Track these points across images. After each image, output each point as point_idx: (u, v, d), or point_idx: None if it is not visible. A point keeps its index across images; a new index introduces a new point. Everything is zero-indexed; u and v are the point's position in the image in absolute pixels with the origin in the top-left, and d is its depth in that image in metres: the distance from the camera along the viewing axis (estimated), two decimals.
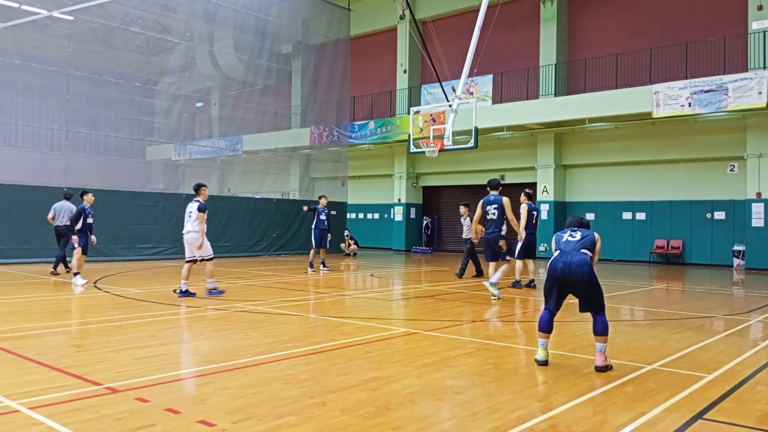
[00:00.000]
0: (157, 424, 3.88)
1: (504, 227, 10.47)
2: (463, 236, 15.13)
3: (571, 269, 5.49)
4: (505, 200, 10.32)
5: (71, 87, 19.47)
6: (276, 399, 4.49)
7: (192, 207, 10.13)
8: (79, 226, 11.94)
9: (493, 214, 10.36)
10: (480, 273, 14.33)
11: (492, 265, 10.49)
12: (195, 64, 24.86)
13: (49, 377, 4.96)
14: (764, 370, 5.65)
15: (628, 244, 21.47)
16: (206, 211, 10.05)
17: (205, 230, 10.11)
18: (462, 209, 15.04)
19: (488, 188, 10.65)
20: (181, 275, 10.15)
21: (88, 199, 12.26)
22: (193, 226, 10.04)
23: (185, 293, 10.03)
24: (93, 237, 12.34)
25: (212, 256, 10.28)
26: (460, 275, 14.31)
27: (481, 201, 10.53)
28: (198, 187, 10.50)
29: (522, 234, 11.88)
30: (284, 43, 26.87)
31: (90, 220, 12.15)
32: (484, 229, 10.55)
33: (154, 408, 4.20)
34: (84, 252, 11.93)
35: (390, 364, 5.66)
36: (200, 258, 10.19)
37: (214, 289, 10.36)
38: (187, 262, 10.17)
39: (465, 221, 14.96)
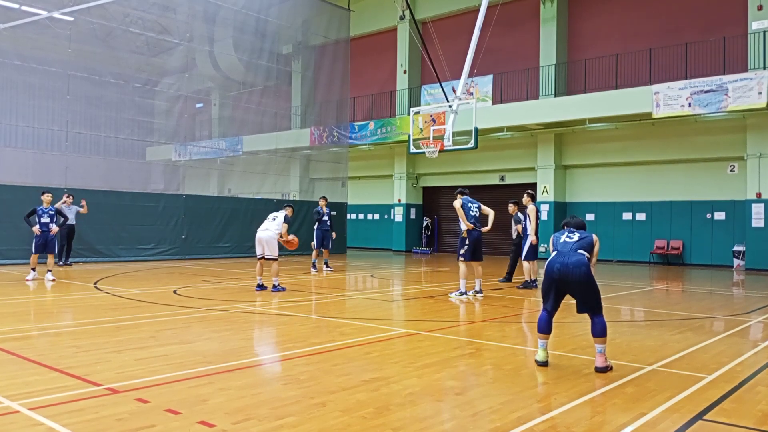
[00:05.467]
0: (157, 424, 3.88)
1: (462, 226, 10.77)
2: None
3: (568, 270, 5.49)
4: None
5: (71, 88, 19.47)
6: (276, 400, 4.49)
7: (279, 215, 11.41)
8: (37, 226, 12.47)
9: (475, 211, 10.70)
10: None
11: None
12: (195, 65, 24.85)
13: (50, 378, 4.97)
14: (764, 371, 5.65)
15: (628, 245, 21.47)
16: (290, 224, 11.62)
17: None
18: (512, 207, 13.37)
19: (461, 193, 10.93)
20: (257, 271, 11.36)
21: (46, 199, 12.78)
22: (273, 227, 11.23)
23: (262, 287, 11.25)
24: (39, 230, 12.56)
25: (277, 257, 11.31)
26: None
27: (463, 200, 10.73)
28: (287, 206, 11.92)
29: (533, 237, 11.99)
30: (284, 44, 26.85)
31: (45, 220, 12.58)
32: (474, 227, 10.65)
33: (154, 409, 4.21)
34: (35, 251, 12.53)
35: (390, 364, 5.66)
36: (269, 257, 11.18)
37: (278, 285, 11.25)
38: (259, 259, 11.33)
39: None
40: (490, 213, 10.83)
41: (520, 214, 12.92)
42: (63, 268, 15.58)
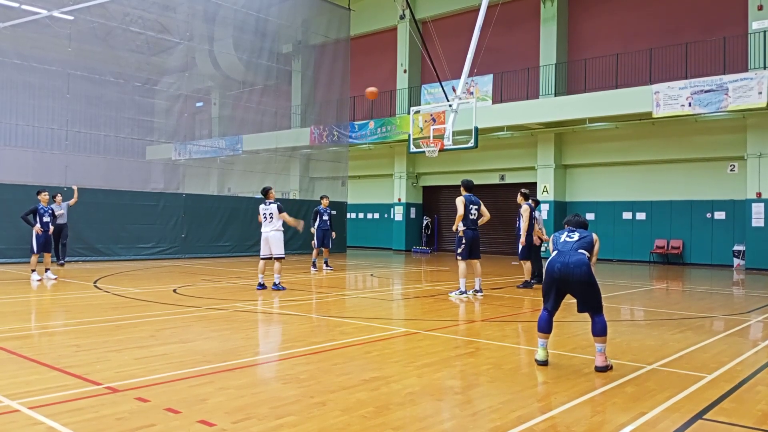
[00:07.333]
0: (157, 424, 3.88)
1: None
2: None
3: (569, 269, 5.48)
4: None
5: (71, 87, 19.46)
6: (276, 399, 4.49)
7: (271, 209, 11.28)
8: (38, 225, 12.39)
9: (474, 214, 10.67)
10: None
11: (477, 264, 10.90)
12: (195, 64, 24.84)
13: (49, 377, 4.97)
14: (764, 370, 5.65)
15: (628, 244, 21.47)
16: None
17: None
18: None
19: (466, 189, 10.86)
20: (259, 270, 11.43)
21: (43, 198, 12.71)
22: (276, 226, 11.26)
23: (263, 286, 11.29)
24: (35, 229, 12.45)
25: (284, 256, 11.41)
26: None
27: (466, 199, 10.66)
28: (267, 191, 11.53)
29: (523, 238, 11.99)
30: (284, 43, 26.86)
31: (47, 219, 12.54)
32: (468, 227, 10.64)
33: (154, 408, 4.20)
34: (36, 251, 12.41)
35: (390, 364, 5.66)
36: (277, 255, 11.24)
37: (279, 284, 11.27)
38: (263, 259, 11.43)
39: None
40: (485, 216, 10.89)
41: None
42: (60, 267, 15.59)
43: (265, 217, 11.41)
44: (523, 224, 12.03)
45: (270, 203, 11.39)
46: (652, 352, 6.30)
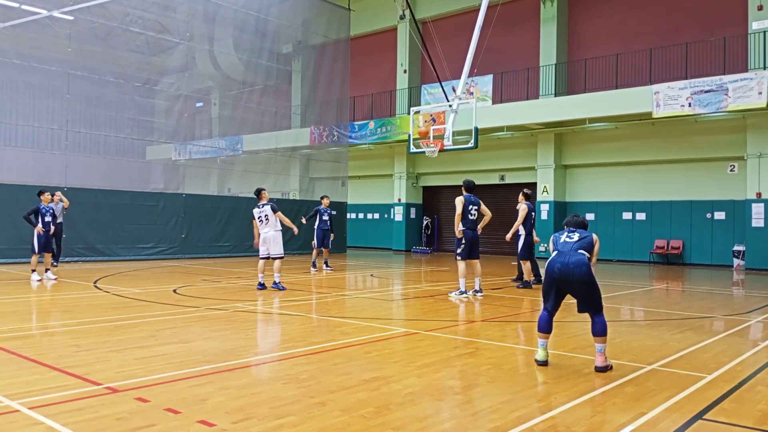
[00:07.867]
0: (157, 424, 3.88)
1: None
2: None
3: (569, 270, 5.48)
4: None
5: (71, 87, 19.46)
6: (276, 399, 4.49)
7: (266, 210, 11.33)
8: (40, 225, 12.33)
9: (473, 214, 10.63)
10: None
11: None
12: (195, 64, 24.83)
13: (49, 377, 4.97)
14: (764, 371, 5.65)
15: (628, 244, 21.47)
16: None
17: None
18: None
19: (466, 189, 10.81)
20: (259, 269, 11.50)
21: (45, 198, 12.68)
22: (274, 226, 11.34)
23: (263, 286, 11.32)
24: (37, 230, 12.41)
25: (283, 255, 11.47)
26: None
27: (465, 200, 10.61)
28: (259, 192, 11.65)
29: (509, 234, 12.10)
30: (284, 43, 26.86)
31: (48, 218, 12.49)
32: (468, 227, 10.62)
33: (154, 408, 4.20)
34: (38, 251, 12.35)
35: (390, 364, 5.66)
36: (275, 255, 11.31)
37: (279, 283, 11.32)
38: (262, 259, 11.47)
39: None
40: (487, 215, 10.87)
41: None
42: (53, 267, 15.55)
43: (260, 220, 11.41)
44: (517, 222, 12.15)
45: (263, 205, 11.42)
46: (652, 352, 6.30)
